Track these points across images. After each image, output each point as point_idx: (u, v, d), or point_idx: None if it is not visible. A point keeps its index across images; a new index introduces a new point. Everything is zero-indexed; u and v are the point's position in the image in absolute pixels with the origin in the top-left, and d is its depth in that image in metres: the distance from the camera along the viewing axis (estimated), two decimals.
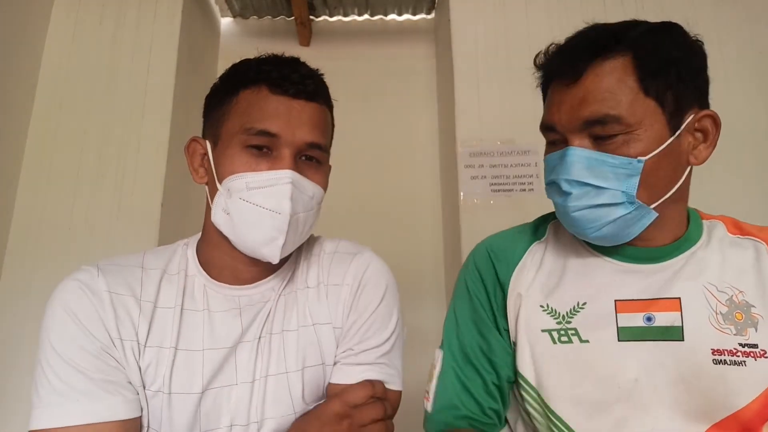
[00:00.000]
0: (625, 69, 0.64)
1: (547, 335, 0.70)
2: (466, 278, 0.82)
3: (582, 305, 0.70)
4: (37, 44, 1.92)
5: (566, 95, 0.67)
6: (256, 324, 0.69)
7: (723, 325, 0.64)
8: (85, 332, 0.62)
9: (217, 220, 0.68)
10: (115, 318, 0.63)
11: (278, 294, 0.72)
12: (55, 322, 0.62)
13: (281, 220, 0.64)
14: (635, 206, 0.65)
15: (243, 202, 0.64)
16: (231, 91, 0.69)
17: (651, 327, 0.67)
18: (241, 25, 2.48)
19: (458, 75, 1.93)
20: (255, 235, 0.65)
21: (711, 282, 0.67)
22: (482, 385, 0.74)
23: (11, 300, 1.74)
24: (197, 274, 0.71)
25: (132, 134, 1.87)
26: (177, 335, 0.66)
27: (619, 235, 0.68)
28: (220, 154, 0.68)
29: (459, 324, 0.78)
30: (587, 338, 0.68)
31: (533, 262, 0.77)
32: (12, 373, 1.68)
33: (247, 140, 0.65)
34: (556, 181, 0.68)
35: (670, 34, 0.66)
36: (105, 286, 0.64)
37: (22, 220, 1.81)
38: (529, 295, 0.74)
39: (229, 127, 0.67)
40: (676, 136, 0.65)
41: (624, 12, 1.94)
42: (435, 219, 2.24)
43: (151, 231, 1.78)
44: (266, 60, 0.71)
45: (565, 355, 0.69)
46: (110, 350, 0.62)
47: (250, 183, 0.64)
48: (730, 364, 0.62)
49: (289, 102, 0.66)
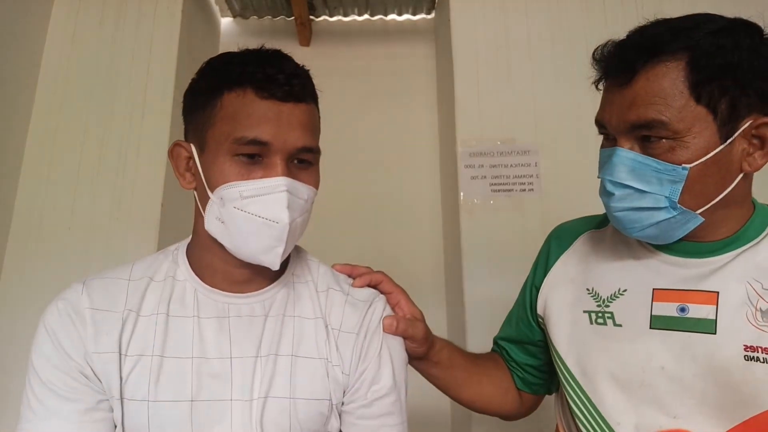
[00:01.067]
0: (678, 73, 0.62)
1: (586, 316, 0.76)
2: (542, 250, 0.91)
3: (623, 291, 0.74)
4: (37, 44, 1.92)
5: (617, 96, 0.66)
6: (252, 340, 0.68)
7: (761, 322, 0.63)
8: (61, 352, 0.64)
9: (211, 228, 0.66)
10: (95, 333, 0.64)
11: (267, 312, 0.70)
12: (37, 342, 0.65)
13: (280, 230, 0.63)
14: (678, 211, 0.65)
15: (238, 212, 0.63)
16: (213, 92, 0.66)
17: (684, 318, 0.67)
18: (241, 25, 2.48)
19: (458, 75, 1.93)
20: (253, 244, 0.64)
21: (757, 279, 0.66)
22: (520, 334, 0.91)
23: (11, 300, 1.74)
24: (188, 278, 0.70)
25: (132, 134, 1.86)
26: (162, 342, 0.65)
27: (662, 236, 0.68)
28: (209, 162, 0.65)
29: (525, 284, 0.92)
30: (621, 322, 0.72)
31: (584, 249, 0.82)
32: (12, 373, 1.68)
33: (237, 149, 0.63)
34: (603, 179, 0.69)
35: (735, 35, 0.62)
36: (88, 303, 0.66)
37: (22, 220, 1.81)
38: (573, 278, 0.80)
39: (215, 133, 0.64)
40: (726, 144, 0.63)
41: (624, 12, 1.94)
42: (435, 219, 2.24)
43: (151, 231, 1.78)
44: (248, 59, 0.67)
45: (597, 335, 0.74)
46: (85, 369, 0.64)
47: (244, 192, 0.62)
48: (764, 362, 0.62)
49: (277, 107, 0.63)
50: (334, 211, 2.22)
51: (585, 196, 1.01)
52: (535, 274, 0.89)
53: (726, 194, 0.65)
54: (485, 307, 1.71)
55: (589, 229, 0.85)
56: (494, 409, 0.92)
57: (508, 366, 0.94)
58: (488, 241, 1.78)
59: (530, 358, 0.90)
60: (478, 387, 0.90)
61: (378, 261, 0.85)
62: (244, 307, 0.69)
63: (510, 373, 0.93)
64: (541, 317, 0.85)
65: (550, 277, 0.84)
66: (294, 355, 0.68)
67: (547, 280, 0.84)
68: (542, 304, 0.84)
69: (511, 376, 0.93)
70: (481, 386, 0.90)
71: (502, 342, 0.95)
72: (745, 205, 0.70)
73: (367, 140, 2.29)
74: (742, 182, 0.66)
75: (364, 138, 2.29)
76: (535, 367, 0.91)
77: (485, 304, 1.72)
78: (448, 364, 0.86)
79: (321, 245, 1.04)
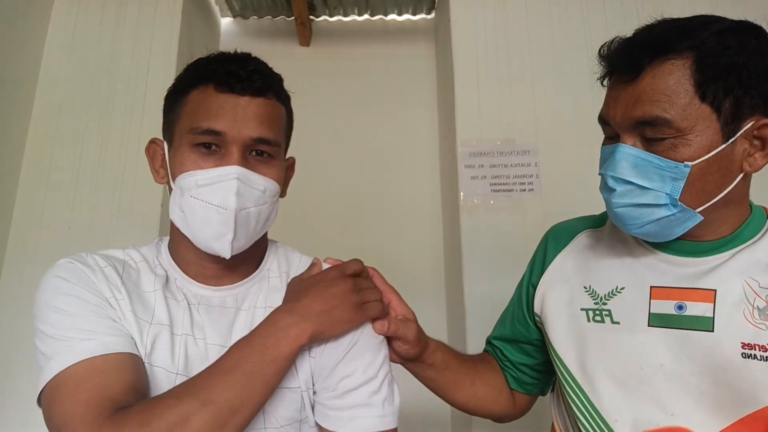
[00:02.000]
0: (684, 71, 0.62)
1: (584, 313, 0.76)
2: (537, 248, 0.92)
3: (620, 289, 0.74)
4: (37, 44, 1.92)
5: (623, 92, 0.67)
6: (220, 329, 0.69)
7: (758, 320, 0.64)
8: (81, 290, 0.64)
9: (175, 218, 0.69)
10: (108, 285, 0.66)
11: (239, 305, 0.72)
12: (50, 288, 0.64)
13: (227, 216, 0.65)
14: (679, 209, 0.65)
15: (193, 200, 0.66)
16: (182, 91, 0.70)
17: (681, 315, 0.68)
18: (241, 25, 2.48)
19: (458, 75, 1.93)
20: (206, 231, 0.67)
21: (754, 278, 0.66)
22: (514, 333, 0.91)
23: (11, 300, 1.74)
24: (170, 268, 0.73)
25: (132, 134, 1.87)
26: (159, 313, 0.67)
27: (661, 233, 0.69)
28: (173, 154, 0.69)
29: (521, 282, 0.92)
30: (618, 320, 0.73)
31: (582, 247, 0.83)
32: (12, 373, 1.68)
33: (194, 139, 0.66)
34: (604, 175, 0.69)
35: (741, 36, 0.63)
36: (93, 261, 0.68)
37: (22, 220, 1.81)
38: (570, 277, 0.81)
39: (180, 127, 0.69)
40: (729, 144, 0.63)
41: (624, 12, 1.94)
42: (435, 219, 2.24)
43: (151, 231, 1.78)
44: (215, 58, 0.71)
45: (595, 333, 0.74)
46: (107, 307, 0.64)
47: (199, 180, 0.65)
48: (761, 359, 0.62)
49: (234, 99, 0.67)
50: (334, 211, 2.22)
51: (585, 196, 1.01)
52: (532, 272, 0.89)
53: (725, 194, 0.65)
54: (485, 307, 1.71)
55: (586, 228, 0.86)
56: (487, 411, 0.92)
57: (501, 366, 0.94)
58: (488, 241, 1.79)
59: (525, 357, 0.91)
60: (472, 388, 0.89)
61: (378, 261, 0.85)
62: (215, 299, 0.71)
63: (503, 373, 0.93)
64: (538, 315, 0.85)
65: (547, 275, 0.85)
66: None
67: (544, 278, 0.85)
68: (539, 302, 0.84)
69: (504, 377, 0.93)
70: (475, 387, 0.90)
71: (496, 341, 0.95)
72: (743, 205, 0.71)
73: (366, 140, 2.29)
74: (741, 182, 0.66)
75: (364, 138, 2.29)
76: (530, 367, 0.91)
77: (485, 304, 1.71)
78: (442, 366, 0.86)
79: (321, 245, 1.04)
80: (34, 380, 0.61)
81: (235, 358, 0.60)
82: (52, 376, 0.58)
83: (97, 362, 0.59)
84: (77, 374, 0.58)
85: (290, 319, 0.63)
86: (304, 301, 0.66)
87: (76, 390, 0.57)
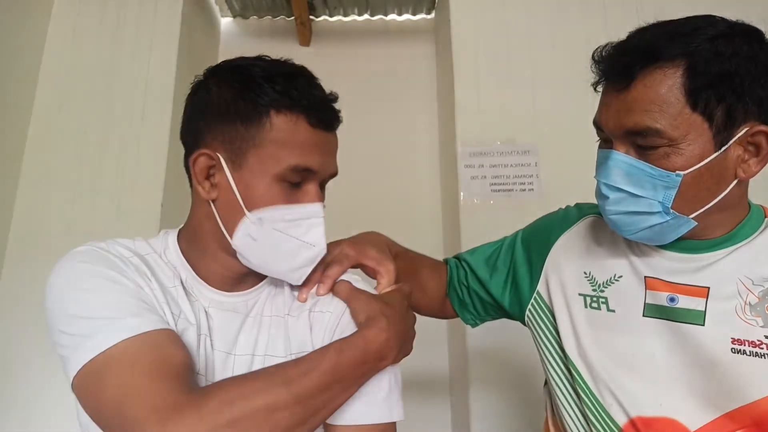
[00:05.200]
0: (675, 80, 0.62)
1: (581, 299, 0.78)
2: (547, 217, 0.94)
3: (618, 278, 0.75)
4: (37, 44, 1.92)
5: (614, 99, 0.66)
6: (226, 335, 0.68)
7: (749, 316, 0.64)
8: (113, 273, 0.60)
9: (239, 243, 0.66)
10: (137, 273, 0.63)
11: (248, 311, 0.71)
12: (75, 272, 0.60)
13: (317, 252, 0.67)
14: (671, 216, 0.65)
15: (278, 233, 0.65)
16: (257, 109, 0.64)
17: (674, 308, 0.69)
18: (241, 25, 2.48)
19: (458, 75, 1.93)
20: (287, 264, 0.67)
21: (748, 276, 0.67)
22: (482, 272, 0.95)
23: (11, 300, 1.74)
24: (180, 267, 0.71)
25: (132, 134, 1.86)
26: (170, 311, 0.64)
27: (656, 238, 0.69)
28: (250, 181, 0.64)
29: (516, 236, 0.96)
30: (614, 308, 0.74)
31: (585, 232, 0.84)
32: (12, 373, 1.68)
33: (285, 175, 0.64)
34: (599, 181, 0.70)
35: (734, 42, 0.62)
36: (117, 252, 0.65)
37: (22, 220, 1.81)
38: (571, 260, 0.82)
39: (262, 154, 0.63)
40: (721, 152, 0.63)
41: (624, 12, 1.94)
42: (435, 219, 2.24)
43: (151, 231, 1.77)
44: (289, 79, 0.66)
45: (590, 319, 0.76)
46: (141, 292, 0.61)
47: (287, 215, 0.65)
48: (750, 355, 0.63)
49: (324, 136, 0.67)
50: (333, 211, 2.21)
51: (585, 196, 1.01)
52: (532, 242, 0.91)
53: (720, 199, 0.65)
54: None
55: (593, 213, 0.86)
56: (419, 304, 0.94)
57: (451, 283, 0.98)
58: (488, 240, 1.78)
59: (485, 294, 0.94)
60: (419, 277, 0.94)
61: None
62: (226, 303, 0.71)
63: (444, 290, 0.98)
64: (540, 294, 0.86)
65: (551, 257, 0.85)
66: (268, 355, 0.69)
67: (548, 260, 0.85)
68: (544, 284, 0.85)
69: (444, 293, 0.98)
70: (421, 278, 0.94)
71: (464, 263, 0.99)
72: (740, 207, 0.71)
73: (366, 140, 2.29)
74: (736, 188, 0.66)
75: (363, 138, 2.29)
76: (481, 301, 0.95)
77: None
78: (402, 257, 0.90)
79: None
80: (34, 380, 0.61)
81: (332, 361, 0.60)
82: (96, 353, 0.52)
83: (151, 336, 0.54)
84: (131, 348, 0.53)
85: (384, 339, 0.64)
86: (397, 327, 0.67)
87: (134, 363, 0.52)
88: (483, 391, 1.67)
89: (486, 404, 1.66)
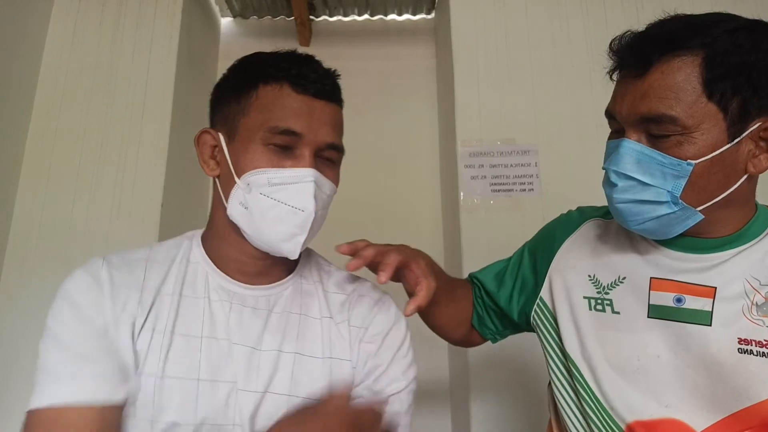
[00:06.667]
0: (693, 69, 0.62)
1: (586, 302, 0.77)
2: (550, 224, 0.94)
3: (622, 279, 0.75)
4: (37, 44, 1.92)
5: (631, 87, 0.66)
6: (250, 330, 0.68)
7: (756, 316, 0.64)
8: (81, 316, 0.63)
9: (234, 213, 0.68)
10: (113, 303, 0.64)
11: (271, 307, 0.71)
12: (56, 307, 0.64)
13: (304, 218, 0.66)
14: (679, 207, 0.65)
15: (264, 198, 0.65)
16: (248, 84, 0.68)
17: (680, 308, 0.68)
18: (241, 25, 2.48)
19: (458, 75, 1.93)
20: (276, 231, 0.66)
21: (755, 276, 0.66)
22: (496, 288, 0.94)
23: (11, 300, 1.74)
24: (201, 261, 0.72)
25: (132, 134, 1.86)
26: (174, 320, 0.66)
27: (661, 231, 0.69)
28: (239, 149, 0.67)
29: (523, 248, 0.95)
30: (619, 310, 0.74)
31: (589, 235, 0.84)
32: (12, 373, 1.68)
33: (269, 138, 0.65)
34: (607, 169, 0.69)
35: (754, 36, 0.62)
36: (107, 275, 0.66)
37: (22, 220, 1.80)
38: (575, 264, 0.81)
39: (248, 122, 0.67)
40: (734, 144, 0.63)
41: (624, 12, 1.94)
42: (435, 219, 2.24)
43: (151, 231, 1.78)
44: (283, 56, 0.71)
45: (595, 321, 0.75)
46: (106, 333, 0.63)
47: (273, 179, 0.65)
48: (757, 355, 0.63)
49: (311, 102, 0.67)
50: (333, 211, 2.21)
51: (585, 196, 1.01)
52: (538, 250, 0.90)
53: (728, 194, 0.65)
54: None
55: (595, 216, 0.86)
56: (446, 333, 0.96)
57: (474, 300, 0.97)
58: (488, 241, 1.78)
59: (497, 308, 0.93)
60: (446, 310, 0.93)
61: None
62: (249, 298, 0.71)
63: (472, 307, 0.97)
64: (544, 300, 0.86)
65: (555, 262, 0.85)
66: (298, 353, 0.69)
67: (553, 266, 0.85)
68: (547, 289, 0.85)
69: (472, 311, 0.97)
70: (448, 309, 0.93)
71: (476, 280, 0.98)
72: (747, 206, 0.70)
73: (366, 140, 2.29)
74: (745, 184, 0.66)
75: (363, 138, 2.29)
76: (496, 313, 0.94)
77: None
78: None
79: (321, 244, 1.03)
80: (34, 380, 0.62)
81: None
82: (30, 407, 0.61)
83: (65, 414, 0.59)
84: (47, 419, 0.60)
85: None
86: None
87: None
88: (483, 399, 1.67)
89: (486, 413, 1.66)
